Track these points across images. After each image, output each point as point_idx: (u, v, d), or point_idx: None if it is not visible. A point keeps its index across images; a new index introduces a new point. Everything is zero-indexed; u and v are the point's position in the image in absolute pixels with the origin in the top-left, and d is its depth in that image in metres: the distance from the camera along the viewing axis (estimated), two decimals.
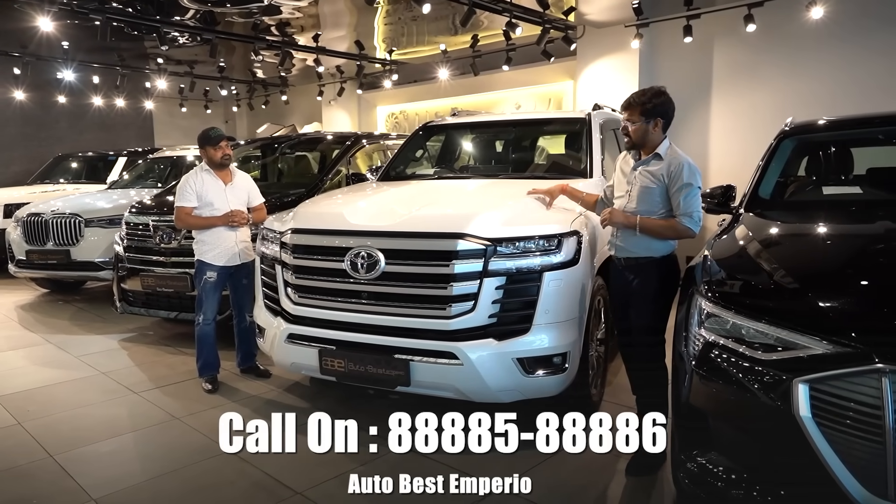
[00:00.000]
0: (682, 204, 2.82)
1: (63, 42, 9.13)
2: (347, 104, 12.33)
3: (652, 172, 2.90)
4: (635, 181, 2.96)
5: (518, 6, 7.20)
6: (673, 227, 2.86)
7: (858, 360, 1.85)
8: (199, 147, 4.13)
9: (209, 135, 4.09)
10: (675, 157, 2.89)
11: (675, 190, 2.84)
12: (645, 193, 2.91)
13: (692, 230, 2.84)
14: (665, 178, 2.87)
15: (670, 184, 2.86)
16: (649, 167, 2.93)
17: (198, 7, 7.49)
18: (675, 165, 2.86)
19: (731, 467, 2.21)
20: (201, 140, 4.10)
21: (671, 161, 2.88)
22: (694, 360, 2.30)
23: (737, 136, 7.22)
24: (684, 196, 2.82)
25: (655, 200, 2.90)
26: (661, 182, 2.88)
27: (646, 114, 2.89)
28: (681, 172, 2.83)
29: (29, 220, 6.69)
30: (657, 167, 2.90)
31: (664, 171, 2.87)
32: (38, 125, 12.47)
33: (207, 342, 4.19)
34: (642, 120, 2.89)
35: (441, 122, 5.45)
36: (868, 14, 6.26)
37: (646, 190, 2.91)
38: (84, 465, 3.16)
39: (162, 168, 8.50)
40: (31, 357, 5.03)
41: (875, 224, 2.87)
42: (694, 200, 2.84)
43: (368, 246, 3.16)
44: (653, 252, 2.95)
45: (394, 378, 3.11)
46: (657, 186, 2.89)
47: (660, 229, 2.89)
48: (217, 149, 4.06)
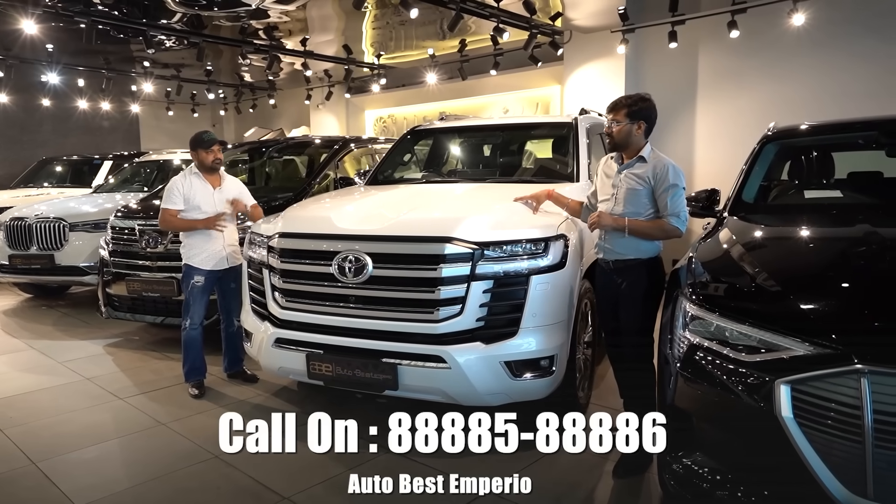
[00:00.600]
0: (669, 204, 2.89)
1: (47, 45, 9.05)
2: (335, 108, 12.32)
3: (638, 175, 2.96)
4: (621, 184, 3.00)
5: (505, 11, 7.25)
6: (661, 227, 2.92)
7: (838, 361, 1.88)
8: (191, 150, 4.11)
9: (202, 138, 4.07)
10: (660, 160, 2.97)
11: (662, 191, 2.91)
12: (632, 195, 2.96)
13: (679, 229, 2.91)
14: (651, 179, 2.93)
15: (657, 185, 2.92)
16: (634, 170, 2.98)
17: (184, 11, 7.46)
18: (660, 167, 2.92)
19: (715, 468, 2.24)
20: (194, 143, 4.08)
21: (656, 163, 2.95)
22: (679, 362, 2.32)
23: (721, 140, 7.31)
24: (671, 196, 2.89)
25: (642, 202, 2.96)
26: (647, 184, 2.94)
27: (631, 115, 2.96)
28: (666, 174, 2.90)
29: (12, 225, 6.61)
30: (642, 170, 2.96)
31: (650, 172, 2.93)
32: (21, 128, 12.34)
33: (194, 347, 4.16)
34: (627, 121, 2.96)
35: (429, 126, 5.46)
36: (849, 20, 6.37)
37: (632, 192, 2.96)
38: (67, 472, 3.13)
39: (148, 172, 8.44)
40: (14, 363, 4.97)
41: (855, 227, 2.92)
42: (680, 201, 2.92)
43: (356, 250, 3.16)
44: (641, 253, 3.00)
45: (381, 382, 3.10)
46: (644, 188, 2.94)
47: (648, 230, 2.94)
48: (209, 152, 4.05)
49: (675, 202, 2.89)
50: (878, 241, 2.64)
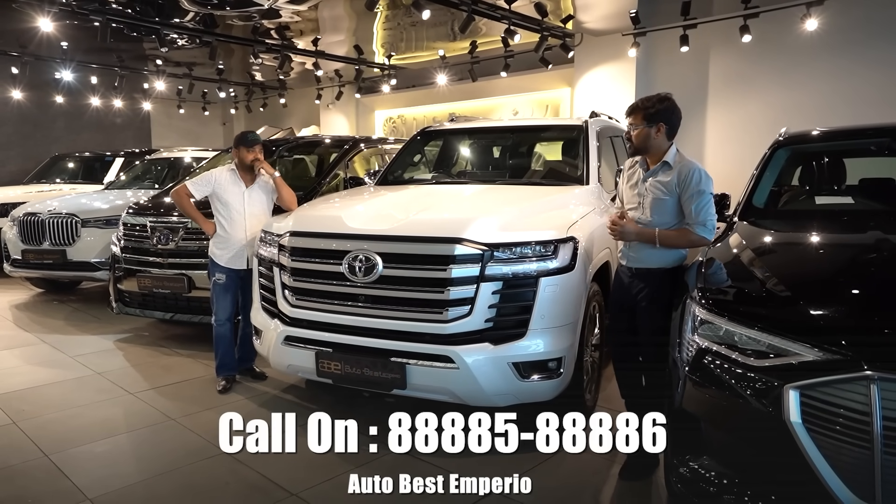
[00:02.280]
0: (694, 212, 2.80)
1: (62, 42, 9.15)
2: (345, 108, 12.36)
3: (663, 184, 2.87)
4: (647, 192, 2.93)
5: (517, 13, 7.26)
6: (687, 237, 2.84)
7: (848, 367, 1.88)
8: (234, 146, 4.21)
9: (246, 137, 4.20)
10: (686, 165, 2.87)
11: (687, 197, 2.81)
12: (658, 205, 2.89)
13: (707, 239, 2.83)
14: (677, 187, 2.84)
15: (682, 191, 2.83)
16: (659, 177, 2.90)
17: (197, 10, 7.52)
18: (685, 173, 2.83)
19: (723, 472, 2.24)
20: (237, 140, 4.20)
21: (681, 169, 2.86)
22: (687, 366, 2.33)
23: (732, 145, 7.29)
24: (696, 204, 2.80)
25: (669, 211, 2.88)
26: (672, 193, 2.85)
27: (648, 118, 2.87)
28: (691, 179, 2.80)
29: (25, 220, 6.68)
30: (668, 178, 2.87)
31: (675, 180, 2.84)
32: (35, 125, 12.46)
33: (222, 343, 4.21)
34: (644, 124, 2.87)
35: (439, 127, 5.48)
36: (862, 27, 6.34)
37: (658, 202, 2.88)
38: (79, 465, 3.16)
39: (159, 169, 8.50)
40: (26, 357, 5.02)
41: (866, 234, 2.91)
42: (707, 208, 2.81)
43: (366, 249, 3.18)
44: (665, 263, 2.94)
45: (390, 381, 3.12)
46: (669, 198, 2.86)
47: (676, 241, 2.87)
48: (250, 151, 4.13)
49: (700, 210, 2.79)
50: (889, 248, 2.63)
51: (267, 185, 4.28)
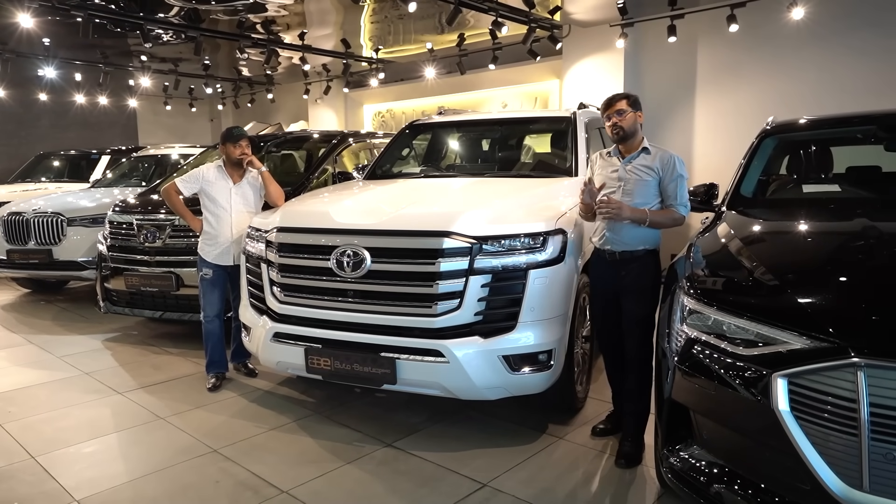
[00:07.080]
0: (676, 194, 3.02)
1: (44, 39, 9.00)
2: (334, 102, 12.29)
3: (647, 166, 3.05)
4: (629, 176, 3.05)
5: (504, 5, 7.22)
6: (672, 216, 3.03)
7: (835, 355, 1.88)
8: (220, 143, 4.21)
9: (231, 132, 4.18)
10: (663, 151, 3.08)
11: (671, 181, 3.02)
12: (641, 186, 3.03)
13: (685, 217, 3.06)
14: (660, 170, 3.03)
15: (665, 175, 3.03)
16: (641, 161, 3.06)
17: (182, 4, 7.42)
18: (667, 158, 3.04)
19: (712, 462, 2.25)
20: (223, 136, 4.18)
21: (662, 155, 3.05)
22: (676, 356, 2.33)
23: (720, 134, 7.30)
24: (679, 187, 3.02)
25: (651, 192, 3.05)
26: (656, 174, 3.03)
27: (632, 104, 3.07)
28: (673, 165, 3.03)
29: (10, 220, 6.60)
30: (649, 161, 3.05)
31: (658, 164, 3.03)
32: (18, 123, 12.30)
33: (211, 340, 4.20)
34: (631, 109, 3.04)
35: (427, 120, 5.45)
36: (848, 14, 6.35)
37: (642, 183, 3.03)
38: (66, 466, 3.13)
39: (146, 167, 8.42)
40: (13, 358, 4.96)
41: (853, 221, 2.91)
42: (685, 190, 3.07)
43: (354, 244, 3.16)
44: (648, 244, 3.08)
45: (380, 376, 3.11)
46: (652, 178, 3.04)
47: (663, 219, 3.02)
48: (236, 147, 4.12)
49: (682, 192, 3.03)
50: (876, 236, 2.64)
51: (255, 182, 4.25)
